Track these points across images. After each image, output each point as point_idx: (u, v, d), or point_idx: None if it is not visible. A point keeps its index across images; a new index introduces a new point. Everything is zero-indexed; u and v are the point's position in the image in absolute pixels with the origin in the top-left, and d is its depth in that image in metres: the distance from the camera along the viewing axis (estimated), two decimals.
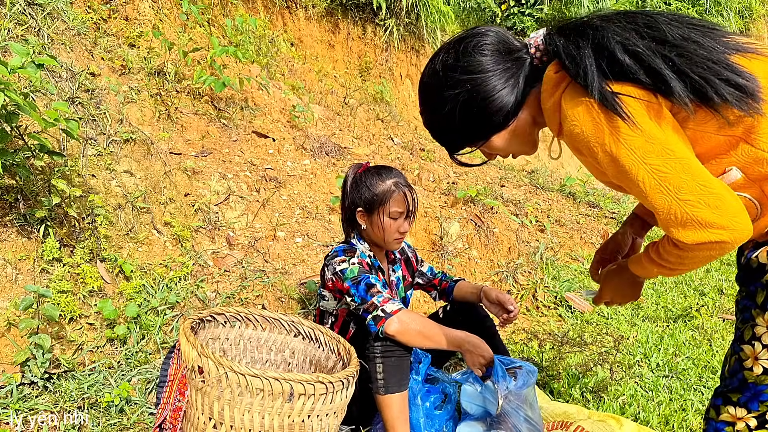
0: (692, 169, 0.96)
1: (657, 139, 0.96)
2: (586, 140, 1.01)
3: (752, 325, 1.11)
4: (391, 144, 4.01)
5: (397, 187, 1.67)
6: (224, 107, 3.17)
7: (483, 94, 1.09)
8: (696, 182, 0.95)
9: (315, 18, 4.42)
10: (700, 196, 0.95)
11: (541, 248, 3.33)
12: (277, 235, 2.63)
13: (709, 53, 0.96)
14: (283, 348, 1.74)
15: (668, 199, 0.96)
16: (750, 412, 1.13)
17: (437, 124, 1.19)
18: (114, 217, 2.17)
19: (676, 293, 3.20)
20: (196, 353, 1.28)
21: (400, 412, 1.55)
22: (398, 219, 1.68)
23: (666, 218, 0.99)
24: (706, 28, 1.00)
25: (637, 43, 0.97)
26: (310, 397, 1.29)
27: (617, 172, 1.01)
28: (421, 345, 1.55)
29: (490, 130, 1.14)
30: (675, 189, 0.96)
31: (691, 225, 0.96)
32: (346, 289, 1.60)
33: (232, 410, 1.27)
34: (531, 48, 1.11)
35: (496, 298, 1.82)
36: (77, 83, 2.41)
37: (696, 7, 6.44)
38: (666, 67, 0.95)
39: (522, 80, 1.11)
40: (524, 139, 1.18)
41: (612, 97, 0.96)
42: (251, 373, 1.23)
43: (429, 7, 4.71)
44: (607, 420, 1.82)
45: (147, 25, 3.07)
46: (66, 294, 1.86)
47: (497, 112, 1.11)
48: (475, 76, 1.09)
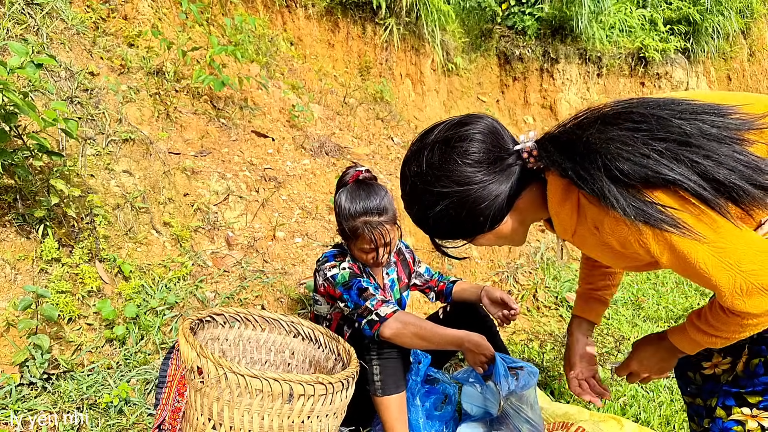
0: (745, 238, 0.94)
1: (707, 218, 0.92)
2: (641, 238, 0.95)
3: None
4: (391, 143, 4.00)
5: (365, 226, 1.58)
6: (223, 107, 3.16)
7: (467, 207, 1.04)
8: (753, 250, 0.94)
9: (314, 17, 4.41)
10: (761, 264, 0.93)
11: (541, 248, 3.32)
12: (277, 235, 2.62)
13: (730, 150, 0.92)
14: (283, 348, 1.73)
15: (731, 274, 0.94)
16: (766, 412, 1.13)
17: (423, 221, 1.12)
18: (113, 217, 2.16)
19: (677, 293, 3.20)
20: (195, 354, 1.27)
21: (399, 413, 1.54)
22: (371, 252, 1.63)
23: (731, 293, 0.96)
24: (715, 114, 0.95)
25: (653, 155, 0.91)
26: (310, 398, 1.29)
27: (674, 259, 0.96)
28: (419, 346, 1.54)
29: (475, 234, 1.10)
30: (737, 262, 0.93)
31: (757, 293, 0.94)
32: (338, 294, 1.59)
33: (232, 411, 1.27)
34: (523, 153, 1.05)
35: (500, 297, 1.79)
36: (76, 83, 2.40)
37: (697, 7, 6.42)
38: (695, 174, 0.91)
39: (510, 188, 1.05)
40: (511, 237, 1.14)
41: (656, 215, 0.91)
42: (250, 374, 1.23)
43: (429, 7, 4.70)
44: (607, 421, 1.81)
45: (146, 25, 3.06)
46: (65, 294, 1.85)
47: (482, 222, 1.06)
48: (459, 188, 1.03)
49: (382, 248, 1.62)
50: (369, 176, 1.69)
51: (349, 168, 1.71)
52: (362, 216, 1.59)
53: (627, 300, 3.04)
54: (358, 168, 1.69)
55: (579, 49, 6.95)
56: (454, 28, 5.48)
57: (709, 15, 6.44)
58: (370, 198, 1.61)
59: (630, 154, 0.92)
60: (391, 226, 1.63)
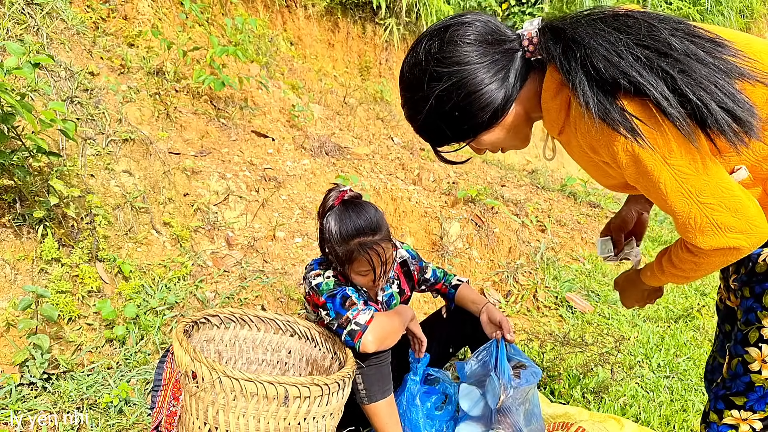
0: (712, 171, 0.93)
1: (679, 141, 0.91)
2: (608, 143, 0.95)
3: (758, 327, 1.10)
4: (391, 143, 4.00)
5: (361, 249, 1.51)
6: (223, 107, 3.16)
7: (468, 89, 0.99)
8: (717, 184, 0.92)
9: (314, 17, 4.41)
10: (721, 199, 0.92)
11: (541, 248, 3.32)
12: (277, 235, 2.62)
13: (714, 76, 0.90)
14: (279, 348, 1.73)
15: (689, 203, 0.93)
16: (755, 413, 1.12)
17: (420, 120, 1.07)
18: (113, 217, 2.17)
19: (677, 293, 3.19)
20: (189, 358, 1.27)
21: (389, 417, 1.53)
22: (368, 275, 1.56)
23: (685, 222, 0.95)
24: (713, 44, 0.94)
25: (628, 58, 0.90)
26: (306, 400, 1.29)
27: (637, 174, 0.95)
28: (397, 340, 1.55)
29: (478, 128, 1.05)
30: (697, 192, 0.92)
31: (710, 230, 0.94)
32: (321, 303, 1.55)
33: (227, 415, 1.26)
34: (524, 40, 1.02)
35: (499, 321, 1.71)
36: (76, 83, 2.41)
37: (697, 7, 6.41)
38: (663, 84, 0.89)
39: (513, 74, 1.01)
40: (515, 135, 1.10)
41: (617, 117, 0.91)
42: (245, 378, 1.22)
43: (429, 6, 4.69)
44: (608, 421, 1.81)
45: (146, 25, 3.06)
46: (65, 294, 1.86)
47: (484, 109, 1.01)
48: (459, 68, 0.99)
49: (380, 268, 1.55)
50: (354, 195, 1.61)
51: (331, 190, 1.61)
52: (356, 237, 1.51)
53: None
54: (342, 188, 1.61)
55: None
56: None
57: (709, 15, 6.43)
58: (361, 217, 1.53)
59: (607, 52, 0.91)
60: (387, 243, 1.55)
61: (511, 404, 1.60)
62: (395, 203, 3.18)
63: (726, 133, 0.89)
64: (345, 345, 1.52)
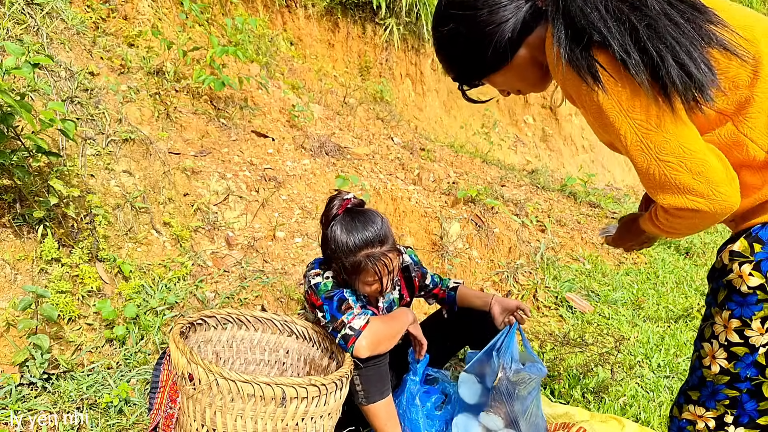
0: (678, 130, 0.92)
1: (643, 96, 0.92)
2: (577, 89, 0.98)
3: (711, 323, 1.11)
4: (391, 143, 4.00)
5: (368, 260, 1.51)
6: (223, 107, 3.16)
7: (477, 30, 1.07)
8: (680, 143, 0.91)
9: (314, 17, 4.41)
10: (681, 159, 0.91)
11: (541, 248, 3.32)
12: (277, 235, 2.62)
13: (680, 35, 0.91)
14: (277, 348, 1.73)
15: (648, 158, 0.93)
16: (708, 411, 1.12)
17: (440, 58, 1.19)
18: (113, 217, 2.17)
19: (677, 293, 3.19)
20: (185, 360, 1.27)
21: (388, 418, 1.53)
22: (375, 284, 1.56)
23: (645, 178, 0.96)
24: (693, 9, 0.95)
25: (601, 10, 0.93)
26: (303, 400, 1.28)
27: (602, 125, 0.98)
28: (394, 345, 1.55)
29: (487, 68, 1.13)
30: (657, 148, 0.92)
31: (669, 189, 0.93)
32: (319, 304, 1.55)
33: (225, 416, 1.26)
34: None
35: (516, 306, 1.71)
36: (76, 83, 2.41)
37: None
38: (628, 37, 0.92)
39: (521, 18, 1.06)
40: (525, 78, 1.15)
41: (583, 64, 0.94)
42: (242, 379, 1.22)
43: (429, 6, 4.69)
44: (609, 421, 1.81)
45: (146, 25, 3.06)
46: (65, 294, 1.86)
47: (496, 46, 1.08)
48: (469, 12, 1.07)
49: (386, 277, 1.55)
50: (357, 202, 1.62)
51: (334, 198, 1.60)
52: (363, 249, 1.51)
53: (627, 300, 3.04)
54: (345, 196, 1.60)
55: None
56: None
57: None
58: (368, 228, 1.53)
59: (583, 3, 0.95)
60: (393, 254, 1.56)
61: (509, 388, 1.59)
62: (395, 203, 3.18)
63: (677, 87, 0.90)
64: (340, 348, 1.52)
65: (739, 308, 1.04)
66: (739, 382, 1.06)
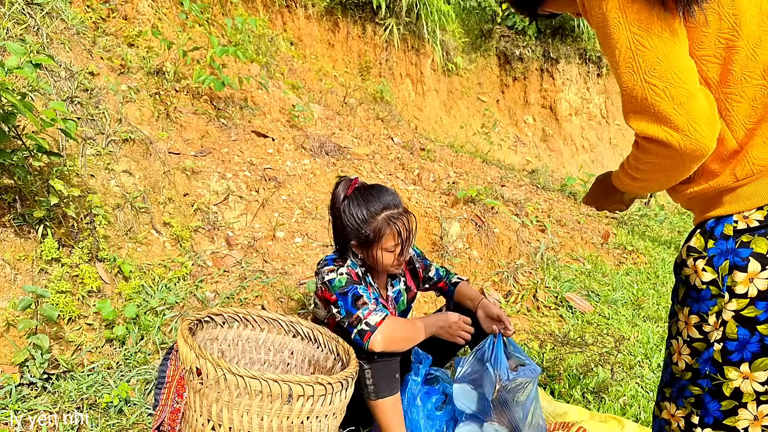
0: (673, 55, 0.90)
1: (650, 14, 0.90)
2: None
3: (676, 320, 1.11)
4: (391, 143, 4.00)
5: (389, 221, 1.57)
6: (223, 107, 3.16)
7: None
8: (671, 67, 0.89)
9: (314, 17, 4.41)
10: (668, 85, 0.89)
11: (541, 248, 3.32)
12: (277, 235, 2.62)
13: None
14: (282, 348, 1.73)
15: (634, 78, 0.91)
16: (678, 409, 1.12)
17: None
18: (113, 217, 2.16)
19: None
20: (194, 355, 1.27)
21: (394, 415, 1.54)
22: (395, 250, 1.62)
23: (627, 99, 0.94)
24: None
25: None
26: (309, 399, 1.29)
27: (602, 36, 0.96)
28: (407, 348, 1.56)
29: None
30: (647, 68, 0.90)
31: (647, 115, 0.91)
32: (333, 300, 1.57)
33: (231, 412, 1.26)
34: None
35: (497, 315, 1.74)
36: (76, 83, 2.40)
37: None
38: None
39: None
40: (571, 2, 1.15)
41: None
42: (250, 375, 1.23)
43: (429, 7, 4.69)
44: (608, 421, 1.81)
45: (146, 25, 3.06)
46: (65, 294, 1.85)
47: None
48: None
49: (406, 240, 1.61)
50: (363, 182, 1.68)
51: (339, 183, 1.66)
52: (383, 212, 1.58)
53: (627, 300, 3.04)
54: (351, 177, 1.68)
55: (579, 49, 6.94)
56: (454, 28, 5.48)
57: None
58: (382, 194, 1.61)
59: None
60: (409, 215, 1.64)
61: (508, 398, 1.60)
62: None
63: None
64: (354, 343, 1.53)
65: (696, 304, 1.04)
66: (700, 379, 1.06)
